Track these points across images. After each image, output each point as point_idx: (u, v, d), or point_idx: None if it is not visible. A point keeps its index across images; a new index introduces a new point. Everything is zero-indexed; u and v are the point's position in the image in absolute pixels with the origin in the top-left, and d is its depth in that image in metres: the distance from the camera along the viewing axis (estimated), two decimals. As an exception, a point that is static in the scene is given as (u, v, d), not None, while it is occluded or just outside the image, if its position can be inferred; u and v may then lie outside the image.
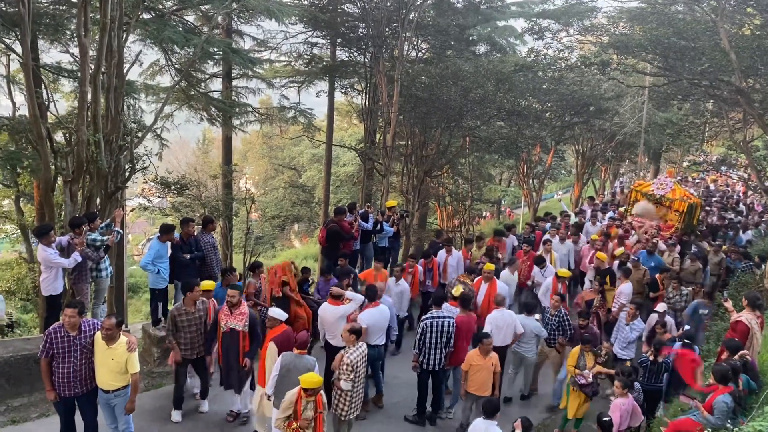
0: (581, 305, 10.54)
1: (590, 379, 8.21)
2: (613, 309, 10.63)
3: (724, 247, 14.30)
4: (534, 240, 13.52)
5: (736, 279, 12.95)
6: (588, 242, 13.35)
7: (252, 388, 8.04)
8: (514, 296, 11.31)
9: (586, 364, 8.34)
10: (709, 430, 6.11)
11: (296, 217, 39.20)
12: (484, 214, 39.91)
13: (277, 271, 9.57)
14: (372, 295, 8.61)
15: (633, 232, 14.89)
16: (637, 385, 8.17)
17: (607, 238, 13.65)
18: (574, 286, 13.29)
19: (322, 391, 6.38)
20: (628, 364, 8.49)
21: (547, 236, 13.13)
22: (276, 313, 7.49)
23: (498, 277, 10.54)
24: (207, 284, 8.13)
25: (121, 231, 9.49)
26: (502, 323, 8.89)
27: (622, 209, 17.88)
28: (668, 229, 15.34)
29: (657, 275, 11.94)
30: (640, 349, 10.09)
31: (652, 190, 16.11)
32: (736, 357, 7.43)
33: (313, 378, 6.16)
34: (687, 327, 9.80)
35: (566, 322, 9.54)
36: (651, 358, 8.51)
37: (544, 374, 10.04)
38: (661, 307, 10.14)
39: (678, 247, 13.80)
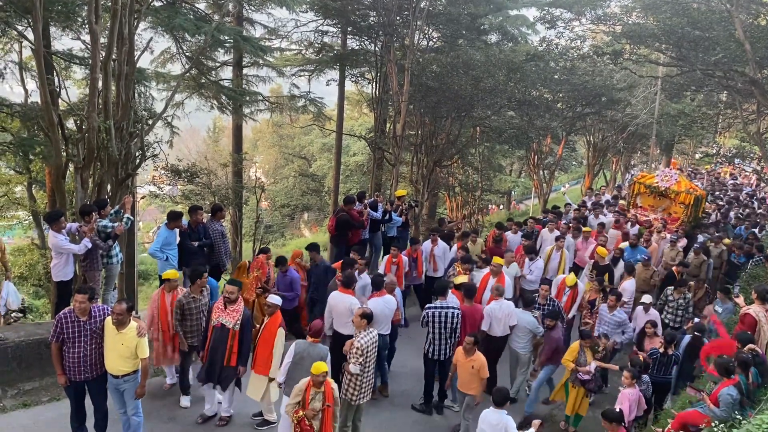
0: (584, 305, 10.36)
1: (592, 371, 8.20)
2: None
3: (726, 240, 14.08)
4: (536, 234, 13.13)
5: (747, 272, 12.83)
6: (583, 236, 12.81)
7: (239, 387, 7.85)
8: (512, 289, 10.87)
9: (586, 360, 8.32)
10: (716, 422, 6.09)
11: (306, 206, 39.28)
12: (490, 206, 39.66)
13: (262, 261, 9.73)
14: (377, 285, 8.61)
15: (636, 226, 14.70)
16: (645, 377, 8.15)
17: (602, 228, 13.36)
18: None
19: (333, 385, 6.42)
20: (642, 358, 8.41)
21: (558, 233, 12.49)
22: (275, 299, 7.55)
23: None
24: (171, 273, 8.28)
25: (131, 218, 9.53)
26: (500, 314, 8.86)
27: (623, 202, 17.61)
28: (674, 222, 15.11)
29: (674, 268, 11.78)
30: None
31: (656, 182, 15.88)
32: (745, 349, 7.39)
33: (319, 366, 6.22)
34: (697, 320, 9.74)
35: (561, 309, 9.57)
36: (661, 350, 8.48)
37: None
38: (646, 298, 9.82)
39: (684, 241, 13.57)
